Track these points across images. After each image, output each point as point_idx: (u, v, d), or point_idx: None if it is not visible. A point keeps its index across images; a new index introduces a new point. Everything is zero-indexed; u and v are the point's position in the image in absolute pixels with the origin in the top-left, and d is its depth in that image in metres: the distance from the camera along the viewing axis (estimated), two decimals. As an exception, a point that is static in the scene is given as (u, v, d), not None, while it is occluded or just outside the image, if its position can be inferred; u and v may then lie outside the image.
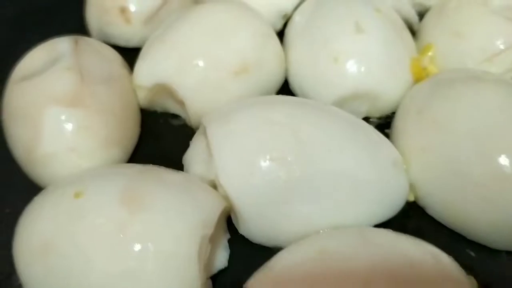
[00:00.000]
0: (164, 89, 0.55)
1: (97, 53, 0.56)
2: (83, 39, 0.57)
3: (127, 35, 0.64)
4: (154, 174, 0.44)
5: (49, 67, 0.52)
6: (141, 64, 0.56)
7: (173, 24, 0.57)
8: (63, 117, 0.48)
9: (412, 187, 0.48)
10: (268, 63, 0.56)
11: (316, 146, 0.44)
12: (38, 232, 0.41)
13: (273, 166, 0.43)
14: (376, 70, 0.53)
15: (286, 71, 0.59)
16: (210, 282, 0.43)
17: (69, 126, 0.48)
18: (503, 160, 0.43)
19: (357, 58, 0.53)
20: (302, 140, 0.44)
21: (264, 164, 0.43)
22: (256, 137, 0.44)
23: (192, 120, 0.55)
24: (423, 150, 0.48)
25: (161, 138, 0.56)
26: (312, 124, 0.45)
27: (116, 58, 0.58)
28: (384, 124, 0.56)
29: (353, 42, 0.54)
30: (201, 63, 0.53)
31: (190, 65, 0.53)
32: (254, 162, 0.43)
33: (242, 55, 0.54)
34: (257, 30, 0.56)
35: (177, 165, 0.50)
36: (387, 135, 0.53)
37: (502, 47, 0.54)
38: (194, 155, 0.49)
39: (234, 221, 0.46)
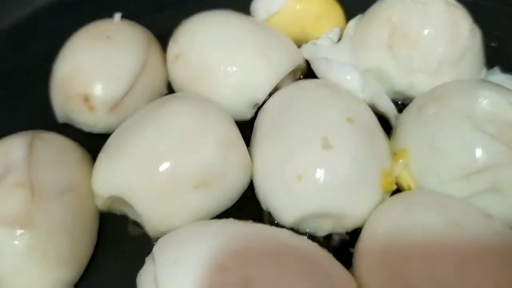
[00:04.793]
0: (121, 199, 0.55)
1: (53, 155, 0.56)
2: (39, 137, 0.57)
3: (91, 122, 0.64)
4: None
5: (1, 178, 0.52)
6: (98, 171, 0.56)
7: (131, 126, 0.57)
8: (11, 239, 0.49)
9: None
10: (232, 173, 0.56)
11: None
12: None
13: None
14: (341, 189, 0.53)
15: (252, 173, 0.59)
16: None
17: (17, 249, 0.49)
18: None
19: (322, 176, 0.52)
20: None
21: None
22: (204, 283, 0.44)
23: (149, 232, 0.55)
24: (383, 285, 0.48)
25: (118, 248, 0.56)
26: (264, 268, 0.45)
27: (76, 157, 0.59)
28: (348, 241, 0.55)
29: (319, 159, 0.53)
30: (158, 176, 0.53)
31: (146, 178, 0.53)
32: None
33: (204, 167, 0.54)
34: (222, 139, 0.56)
35: (132, 281, 0.50)
36: (351, 254, 0.53)
37: (481, 166, 0.53)
38: (145, 279, 0.49)
39: None
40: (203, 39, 0.66)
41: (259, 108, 0.64)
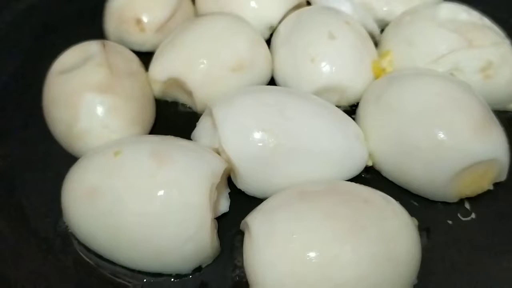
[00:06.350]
0: (175, 82, 0.71)
1: (120, 54, 0.73)
2: (108, 43, 0.73)
3: (141, 41, 0.81)
4: (173, 141, 0.61)
5: (84, 63, 0.68)
6: (156, 62, 0.73)
7: (181, 31, 0.74)
8: (97, 101, 0.65)
9: (370, 155, 0.66)
10: (259, 63, 0.74)
11: (297, 122, 0.61)
12: (86, 181, 0.56)
13: (263, 136, 0.60)
14: (344, 68, 0.71)
15: (272, 71, 0.76)
16: (216, 222, 0.59)
17: (102, 108, 0.65)
18: (439, 132, 0.61)
19: (330, 59, 0.71)
20: (286, 117, 0.61)
21: (257, 134, 0.60)
22: (251, 114, 0.61)
23: (198, 107, 0.71)
24: (380, 127, 0.66)
25: (172, 122, 0.73)
26: (294, 106, 0.63)
27: (134, 59, 0.75)
28: (350, 111, 0.73)
29: (327, 46, 0.72)
30: (205, 61, 0.70)
31: (196, 63, 0.70)
32: (249, 133, 0.60)
33: (238, 56, 0.72)
34: (250, 37, 0.74)
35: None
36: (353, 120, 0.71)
37: (445, 51, 0.72)
38: (201, 131, 0.66)
39: (233, 179, 0.62)
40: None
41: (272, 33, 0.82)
